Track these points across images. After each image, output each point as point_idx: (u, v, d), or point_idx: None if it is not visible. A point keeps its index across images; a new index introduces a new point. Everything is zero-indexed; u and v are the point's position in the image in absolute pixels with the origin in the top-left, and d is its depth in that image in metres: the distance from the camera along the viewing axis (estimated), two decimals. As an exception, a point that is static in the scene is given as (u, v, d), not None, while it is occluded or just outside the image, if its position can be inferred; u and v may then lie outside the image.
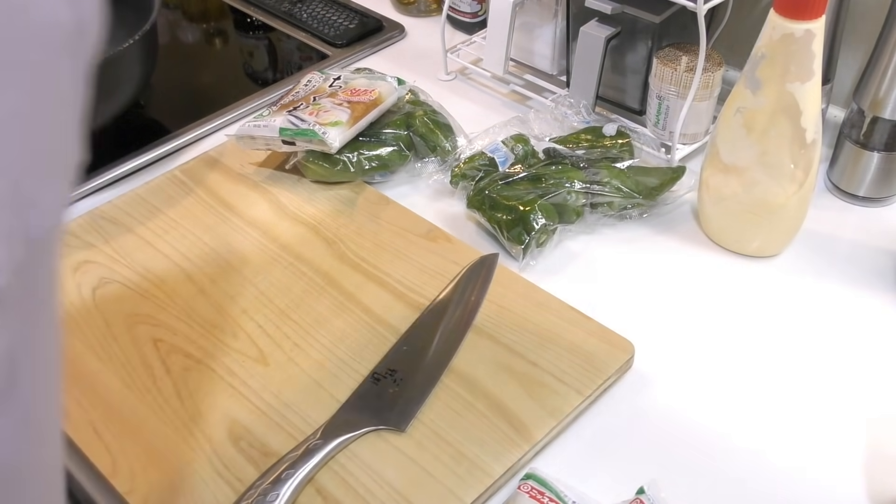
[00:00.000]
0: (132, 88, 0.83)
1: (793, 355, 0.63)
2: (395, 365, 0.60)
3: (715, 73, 0.75)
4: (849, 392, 0.60)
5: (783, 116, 0.63)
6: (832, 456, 0.56)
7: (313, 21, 1.03)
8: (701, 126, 0.79)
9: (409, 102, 0.81)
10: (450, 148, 0.79)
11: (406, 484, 0.53)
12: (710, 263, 0.71)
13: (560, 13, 0.86)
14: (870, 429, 0.58)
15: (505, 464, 0.54)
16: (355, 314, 0.64)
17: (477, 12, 0.99)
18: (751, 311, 0.66)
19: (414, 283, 0.67)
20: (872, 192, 0.75)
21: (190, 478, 0.54)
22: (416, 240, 0.70)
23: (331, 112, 0.75)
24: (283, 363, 0.61)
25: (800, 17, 0.58)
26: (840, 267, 0.70)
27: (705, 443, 0.57)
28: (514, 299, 0.64)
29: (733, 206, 0.68)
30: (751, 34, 0.84)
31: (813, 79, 0.61)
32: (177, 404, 0.58)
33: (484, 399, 0.57)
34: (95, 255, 0.70)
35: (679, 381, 0.61)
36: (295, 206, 0.75)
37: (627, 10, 0.77)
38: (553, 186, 0.71)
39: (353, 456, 0.55)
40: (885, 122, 0.71)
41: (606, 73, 0.82)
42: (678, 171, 0.74)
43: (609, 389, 0.60)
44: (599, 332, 0.62)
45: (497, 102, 0.90)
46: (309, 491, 0.52)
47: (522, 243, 0.69)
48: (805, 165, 0.65)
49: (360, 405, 0.57)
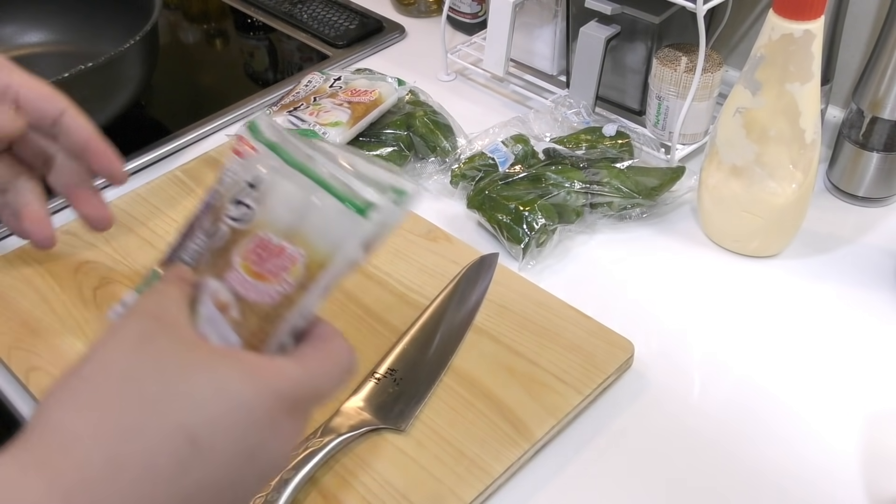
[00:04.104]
0: (133, 89, 0.83)
1: (792, 355, 0.63)
2: (395, 365, 0.60)
3: (715, 73, 0.75)
4: (848, 392, 0.60)
5: (782, 117, 0.63)
6: (831, 456, 0.56)
7: (314, 22, 1.04)
8: (700, 126, 0.79)
9: (410, 103, 0.82)
10: (450, 148, 0.79)
11: (406, 483, 0.53)
12: (710, 263, 0.71)
13: (560, 14, 0.86)
14: (869, 428, 0.58)
15: (505, 463, 0.54)
16: (355, 314, 0.64)
17: (477, 13, 0.99)
18: (750, 310, 0.67)
19: (414, 283, 0.67)
20: (872, 192, 0.75)
21: (190, 477, 0.54)
22: (416, 240, 0.71)
23: (331, 112, 0.75)
24: (283, 363, 0.61)
25: (799, 18, 0.58)
26: (839, 267, 0.70)
27: (705, 442, 0.57)
28: (514, 299, 0.65)
29: (733, 206, 0.69)
30: (750, 34, 0.85)
31: (812, 79, 0.61)
32: (177, 404, 0.58)
33: (484, 398, 0.58)
34: (96, 255, 0.70)
35: (679, 381, 0.61)
36: (295, 207, 0.75)
37: (627, 10, 0.77)
38: (553, 186, 0.71)
39: (354, 455, 0.55)
40: (884, 122, 0.71)
41: (606, 73, 0.82)
42: (678, 172, 0.74)
43: (609, 389, 0.60)
44: (599, 331, 0.62)
45: (497, 103, 0.90)
46: (309, 490, 0.53)
47: (522, 243, 0.69)
48: (804, 166, 0.65)
49: (360, 405, 0.57)
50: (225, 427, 0.33)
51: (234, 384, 0.33)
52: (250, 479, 0.35)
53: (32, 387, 0.60)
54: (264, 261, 0.35)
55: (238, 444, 0.33)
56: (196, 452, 0.32)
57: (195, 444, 0.32)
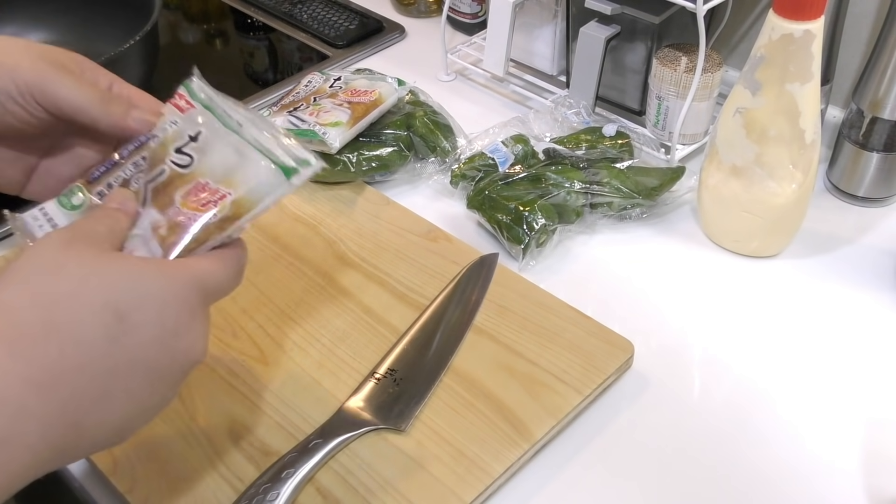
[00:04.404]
0: (133, 89, 0.83)
1: (792, 355, 0.63)
2: (395, 365, 0.60)
3: (714, 73, 0.75)
4: (848, 392, 0.60)
5: (782, 117, 0.63)
6: (831, 456, 0.56)
7: (314, 22, 1.04)
8: (700, 126, 0.79)
9: (410, 103, 0.81)
10: (450, 148, 0.79)
11: (406, 483, 0.53)
12: (710, 263, 0.71)
13: (560, 14, 0.86)
14: (869, 428, 0.58)
15: (505, 463, 0.54)
16: (355, 314, 0.64)
17: (477, 13, 0.99)
18: (750, 310, 0.67)
19: (414, 283, 0.67)
20: (872, 192, 0.75)
21: (190, 477, 0.54)
22: (416, 240, 0.71)
23: (331, 112, 0.75)
24: (283, 363, 0.61)
25: (799, 18, 0.58)
26: (839, 267, 0.70)
27: (704, 441, 0.57)
28: (514, 299, 0.65)
29: (733, 206, 0.69)
30: (750, 34, 0.85)
31: (812, 79, 0.61)
32: (177, 403, 0.58)
33: (484, 398, 0.58)
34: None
35: (678, 381, 0.61)
36: (295, 206, 0.75)
37: (627, 10, 0.77)
38: (553, 187, 0.71)
39: (354, 455, 0.55)
40: (884, 122, 0.71)
41: (606, 73, 0.82)
42: (678, 172, 0.74)
43: (609, 389, 0.60)
44: (599, 331, 0.62)
45: (497, 103, 0.90)
46: (309, 490, 0.53)
47: (522, 243, 0.69)
48: (804, 166, 0.65)
49: (360, 405, 0.57)
50: (148, 307, 0.37)
51: (151, 275, 0.39)
52: (175, 365, 0.39)
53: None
54: (199, 196, 0.42)
55: (162, 324, 0.38)
56: (124, 328, 0.37)
57: (122, 320, 0.36)
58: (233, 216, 0.42)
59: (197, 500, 0.53)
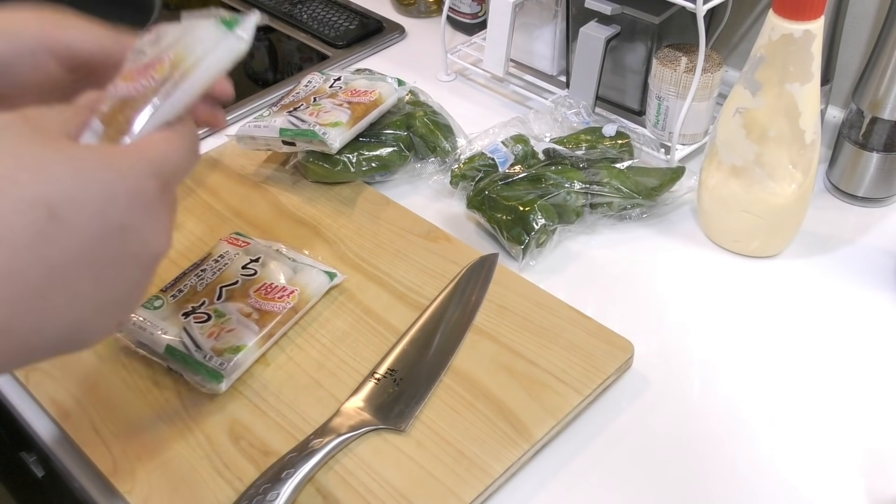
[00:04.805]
0: (133, 89, 0.83)
1: (792, 355, 0.63)
2: (395, 365, 0.60)
3: (714, 73, 0.75)
4: (848, 391, 0.60)
5: (782, 117, 0.63)
6: (831, 456, 0.56)
7: (314, 22, 1.04)
8: (700, 126, 0.79)
9: (410, 103, 0.81)
10: (450, 148, 0.79)
11: (406, 483, 0.53)
12: (710, 263, 0.71)
13: (560, 14, 0.86)
14: (869, 429, 0.58)
15: (505, 463, 0.54)
16: (355, 314, 0.64)
17: (477, 13, 0.99)
18: (750, 311, 0.67)
19: (414, 283, 0.67)
20: (872, 192, 0.75)
21: (190, 477, 0.54)
22: (416, 240, 0.71)
23: (331, 112, 0.75)
24: (283, 363, 0.61)
25: (799, 18, 0.58)
26: (839, 267, 0.70)
27: (704, 441, 0.57)
28: (514, 299, 0.65)
29: (733, 206, 0.69)
30: (750, 34, 0.85)
31: (812, 79, 0.61)
32: (177, 404, 0.58)
33: (484, 399, 0.58)
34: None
35: (678, 381, 0.61)
36: (295, 206, 0.75)
37: (627, 10, 0.77)
38: (553, 187, 0.71)
39: (354, 455, 0.55)
40: (884, 122, 0.71)
41: (606, 73, 0.82)
42: (678, 172, 0.74)
43: (609, 389, 0.60)
44: (599, 331, 0.62)
45: (497, 103, 0.90)
46: (309, 490, 0.53)
47: (522, 243, 0.69)
48: (804, 166, 0.65)
49: (360, 405, 0.57)
50: (85, 201, 0.34)
51: (92, 165, 0.35)
52: (129, 260, 0.36)
53: (32, 387, 0.60)
54: (145, 73, 0.41)
55: (102, 220, 0.35)
56: (56, 225, 0.33)
57: (54, 216, 0.33)
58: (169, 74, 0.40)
59: (197, 501, 0.53)
